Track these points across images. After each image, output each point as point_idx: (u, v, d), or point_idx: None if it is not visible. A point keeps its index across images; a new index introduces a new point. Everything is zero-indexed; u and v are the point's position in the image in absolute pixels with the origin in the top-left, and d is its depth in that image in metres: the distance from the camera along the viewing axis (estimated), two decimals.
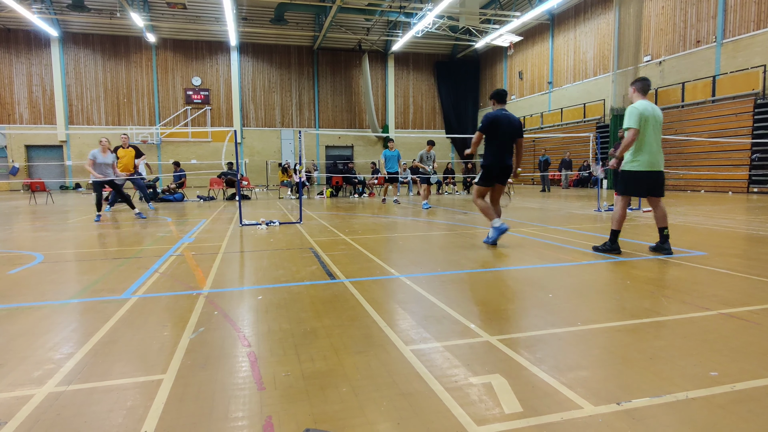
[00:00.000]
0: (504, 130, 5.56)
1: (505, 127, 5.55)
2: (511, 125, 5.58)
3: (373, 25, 28.13)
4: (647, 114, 4.94)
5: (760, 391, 1.98)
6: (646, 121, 4.93)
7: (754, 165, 15.69)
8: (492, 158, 5.64)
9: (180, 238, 6.79)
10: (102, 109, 27.53)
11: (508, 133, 5.57)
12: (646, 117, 4.92)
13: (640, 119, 4.91)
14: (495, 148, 5.61)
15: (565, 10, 24.58)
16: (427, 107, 33.17)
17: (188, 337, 2.68)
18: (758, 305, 3.15)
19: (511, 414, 1.81)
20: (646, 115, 4.93)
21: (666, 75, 19.14)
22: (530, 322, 2.88)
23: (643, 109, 4.93)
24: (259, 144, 29.84)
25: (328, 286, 3.86)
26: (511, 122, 5.59)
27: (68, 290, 3.82)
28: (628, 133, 4.95)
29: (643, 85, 5.09)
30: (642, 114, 4.91)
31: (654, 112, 5.01)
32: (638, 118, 4.90)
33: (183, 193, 16.47)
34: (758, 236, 6.23)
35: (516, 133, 5.62)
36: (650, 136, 4.97)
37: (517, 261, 4.82)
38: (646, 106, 4.97)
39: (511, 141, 5.63)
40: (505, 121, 5.56)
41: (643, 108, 4.95)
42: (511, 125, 5.58)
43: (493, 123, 5.55)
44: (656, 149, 5.00)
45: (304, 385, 2.08)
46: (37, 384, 2.11)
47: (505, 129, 5.56)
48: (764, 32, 15.53)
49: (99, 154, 9.43)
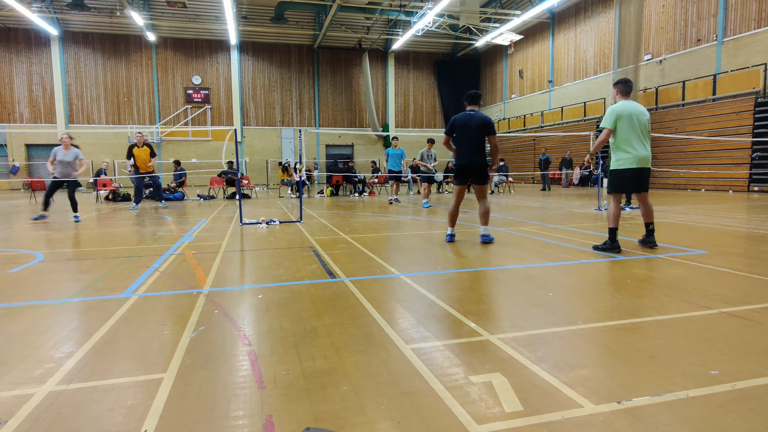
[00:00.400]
0: (464, 130, 5.74)
1: (464, 127, 5.74)
2: (470, 125, 5.70)
3: (374, 24, 28.11)
4: (624, 114, 5.09)
5: (761, 389, 1.97)
6: (620, 120, 5.09)
7: (755, 163, 15.67)
8: (459, 157, 5.85)
9: (180, 237, 6.79)
10: (102, 108, 27.53)
11: (468, 132, 5.72)
12: (621, 117, 5.09)
13: (615, 119, 5.11)
14: (461, 147, 5.82)
15: (565, 9, 24.55)
16: (427, 106, 33.15)
17: (189, 336, 2.68)
18: (759, 304, 3.15)
19: (512, 413, 1.81)
20: (623, 114, 5.09)
21: (667, 73, 19.12)
22: (531, 321, 2.88)
23: (621, 110, 5.11)
24: (259, 143, 29.84)
25: (329, 284, 3.86)
26: (471, 122, 5.71)
27: (68, 289, 3.82)
28: (602, 132, 5.19)
29: (624, 87, 5.26)
30: (619, 114, 5.10)
31: (634, 111, 5.13)
32: (613, 118, 5.12)
33: (183, 192, 16.47)
34: (759, 235, 6.23)
35: (478, 132, 5.69)
36: (627, 134, 5.10)
37: (518, 259, 4.82)
38: (624, 107, 5.12)
39: (478, 140, 5.72)
40: (466, 121, 5.72)
41: (621, 108, 5.12)
42: (470, 125, 5.70)
43: (454, 124, 5.82)
44: (639, 147, 5.12)
45: (304, 384, 2.08)
46: (38, 383, 2.11)
47: (464, 129, 5.74)
48: (765, 30, 15.50)
49: (60, 150, 8.93)
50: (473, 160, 5.74)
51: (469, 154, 5.74)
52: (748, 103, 15.78)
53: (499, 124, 30.46)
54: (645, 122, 5.19)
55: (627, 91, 5.25)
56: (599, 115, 22.19)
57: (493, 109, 31.96)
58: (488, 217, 5.82)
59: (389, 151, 13.13)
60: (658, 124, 18.66)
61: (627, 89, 5.25)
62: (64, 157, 8.99)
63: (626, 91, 5.25)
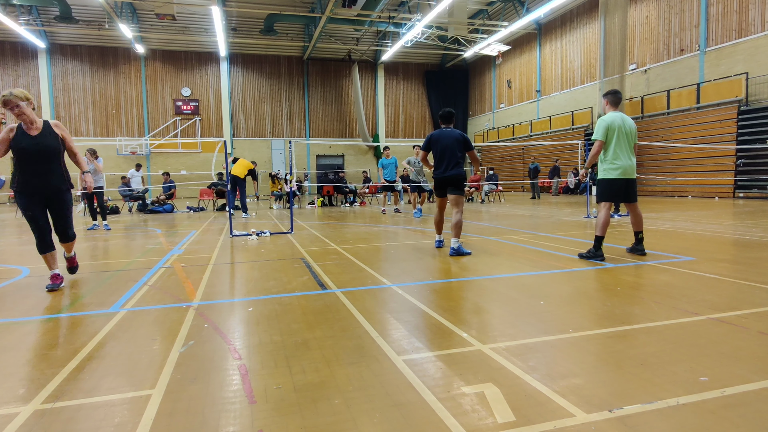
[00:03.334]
0: (438, 146, 5.97)
1: (437, 143, 5.97)
2: (441, 141, 5.93)
3: (363, 36, 28.32)
4: (614, 125, 5.23)
5: (750, 395, 1.99)
6: (613, 131, 5.23)
7: (739, 170, 15.94)
8: (435, 171, 6.07)
9: (170, 249, 6.72)
10: (90, 120, 27.35)
11: (441, 147, 5.92)
12: (613, 128, 5.23)
13: (606, 131, 5.24)
14: (435, 161, 6.04)
15: (551, 20, 24.96)
16: (417, 116, 33.36)
17: (178, 351, 2.65)
18: (747, 309, 3.18)
19: (504, 423, 1.80)
20: (614, 126, 5.23)
21: (651, 83, 19.46)
22: (522, 330, 2.89)
23: (610, 121, 5.24)
24: (249, 154, 29.74)
25: (320, 296, 3.84)
26: (441, 138, 5.94)
27: (55, 304, 3.76)
28: (594, 144, 5.30)
29: (614, 98, 5.43)
30: (609, 126, 5.23)
31: (623, 123, 5.27)
32: (604, 130, 5.25)
33: (173, 204, 16.35)
34: (745, 241, 6.32)
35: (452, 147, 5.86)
36: (618, 145, 5.24)
37: (508, 268, 4.83)
38: (614, 118, 5.25)
39: (451, 155, 5.87)
40: (438, 137, 5.97)
41: (611, 120, 5.25)
42: (441, 141, 5.93)
43: (429, 140, 6.05)
44: (626, 158, 5.27)
45: (296, 398, 2.06)
46: (23, 401, 2.07)
47: (438, 144, 5.96)
48: (746, 41, 15.87)
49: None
50: (448, 174, 5.89)
51: (444, 168, 5.90)
52: (731, 111, 16.10)
53: (488, 134, 30.73)
54: (633, 133, 5.35)
55: (616, 101, 5.40)
56: (587, 124, 22.48)
57: (482, 119, 32.25)
58: (459, 229, 5.71)
59: (383, 161, 13.08)
60: (644, 132, 18.94)
61: (616, 100, 5.40)
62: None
63: (615, 102, 5.40)
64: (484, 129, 31.71)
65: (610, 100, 5.41)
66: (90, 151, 9.86)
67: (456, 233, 5.70)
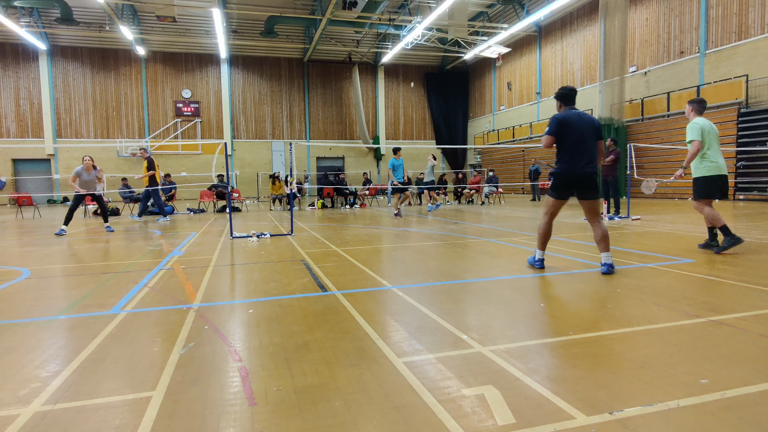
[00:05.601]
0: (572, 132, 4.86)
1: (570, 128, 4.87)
2: (575, 126, 4.89)
3: (363, 38, 28.35)
4: (707, 128, 5.56)
5: (750, 397, 1.99)
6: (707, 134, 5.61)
7: (739, 172, 15.94)
8: (565, 164, 5.08)
9: (170, 251, 6.73)
10: (91, 122, 27.36)
11: (578, 135, 4.86)
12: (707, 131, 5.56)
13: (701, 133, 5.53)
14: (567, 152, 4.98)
15: (551, 22, 24.98)
16: (417, 118, 33.38)
17: (178, 353, 2.65)
18: (746, 312, 3.18)
19: (504, 425, 1.81)
20: (706, 129, 5.56)
21: (651, 85, 19.48)
22: (522, 332, 2.89)
23: (703, 124, 5.55)
24: (249, 156, 29.79)
25: (320, 298, 3.84)
26: (576, 122, 4.92)
27: (56, 306, 3.77)
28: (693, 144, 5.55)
29: (699, 106, 5.72)
30: (702, 128, 5.53)
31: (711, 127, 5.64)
32: (699, 131, 5.52)
33: (173, 205, 16.36)
34: (745, 243, 6.31)
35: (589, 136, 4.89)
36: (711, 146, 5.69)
37: (509, 270, 4.83)
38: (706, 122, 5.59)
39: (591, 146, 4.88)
40: (571, 120, 4.93)
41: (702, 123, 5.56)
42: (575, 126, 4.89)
43: (559, 124, 4.97)
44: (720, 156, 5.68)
45: (296, 400, 2.06)
46: (23, 403, 2.07)
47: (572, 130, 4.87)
48: (745, 43, 15.89)
49: (83, 172, 9.61)
50: (588, 168, 4.77)
51: (586, 162, 4.76)
52: (731, 113, 16.11)
53: (488, 136, 30.74)
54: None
55: (701, 109, 5.72)
56: None
57: (482, 121, 32.26)
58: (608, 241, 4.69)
59: (392, 161, 12.58)
60: (644, 134, 18.97)
61: (701, 108, 5.73)
62: (87, 177, 9.75)
63: (700, 110, 5.73)
64: (484, 131, 31.72)
65: (695, 108, 5.69)
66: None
67: (605, 246, 4.62)
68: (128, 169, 27.23)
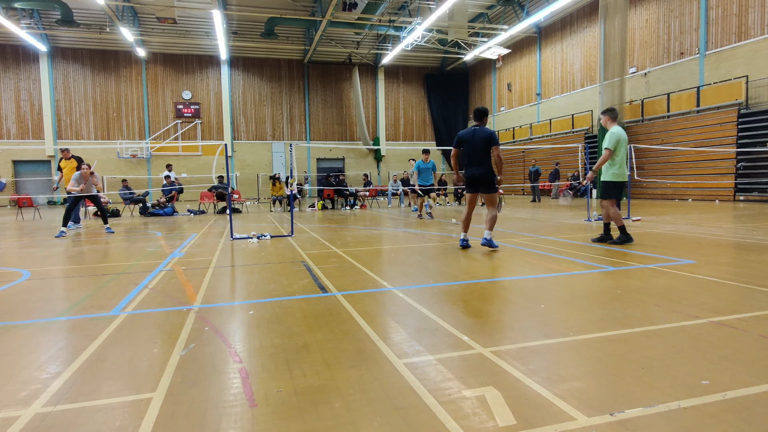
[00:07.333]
0: (469, 144, 6.52)
1: (469, 141, 6.52)
2: (473, 139, 6.45)
3: (363, 39, 28.39)
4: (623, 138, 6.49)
5: (751, 399, 1.99)
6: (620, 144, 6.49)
7: (740, 173, 15.95)
8: (466, 169, 6.67)
9: (170, 252, 6.73)
10: (91, 124, 27.39)
11: (472, 145, 6.50)
12: (620, 141, 6.47)
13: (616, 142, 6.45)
14: (467, 160, 6.59)
15: (551, 23, 25.01)
16: (417, 119, 33.40)
17: (179, 354, 2.65)
18: (747, 313, 3.18)
19: (505, 427, 1.80)
20: (621, 139, 6.46)
21: (651, 86, 19.49)
22: (523, 333, 2.88)
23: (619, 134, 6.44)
24: (250, 157, 29.81)
25: (320, 299, 3.84)
26: (474, 136, 6.41)
27: (56, 308, 3.76)
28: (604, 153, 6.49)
29: (613, 114, 6.57)
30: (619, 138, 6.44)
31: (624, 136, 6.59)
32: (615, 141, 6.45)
33: (173, 206, 16.36)
34: (745, 244, 6.31)
35: (482, 144, 6.40)
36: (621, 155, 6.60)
37: (509, 271, 4.83)
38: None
39: (483, 152, 6.42)
40: (470, 136, 6.54)
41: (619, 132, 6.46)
42: (473, 139, 6.45)
43: (461, 138, 6.57)
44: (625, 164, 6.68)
45: (296, 402, 2.06)
46: (23, 405, 2.07)
47: (469, 142, 6.51)
48: (745, 44, 15.90)
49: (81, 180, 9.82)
50: (477, 171, 6.29)
51: (474, 165, 6.30)
52: (731, 114, 16.11)
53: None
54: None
55: (615, 117, 6.58)
56: (587, 127, 22.52)
57: None
58: (494, 223, 6.23)
59: (419, 164, 12.06)
60: (644, 135, 18.97)
61: (614, 116, 6.60)
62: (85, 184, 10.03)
63: (614, 117, 6.58)
64: None
65: (611, 116, 6.52)
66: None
67: (490, 226, 6.19)
68: (129, 171, 27.26)
